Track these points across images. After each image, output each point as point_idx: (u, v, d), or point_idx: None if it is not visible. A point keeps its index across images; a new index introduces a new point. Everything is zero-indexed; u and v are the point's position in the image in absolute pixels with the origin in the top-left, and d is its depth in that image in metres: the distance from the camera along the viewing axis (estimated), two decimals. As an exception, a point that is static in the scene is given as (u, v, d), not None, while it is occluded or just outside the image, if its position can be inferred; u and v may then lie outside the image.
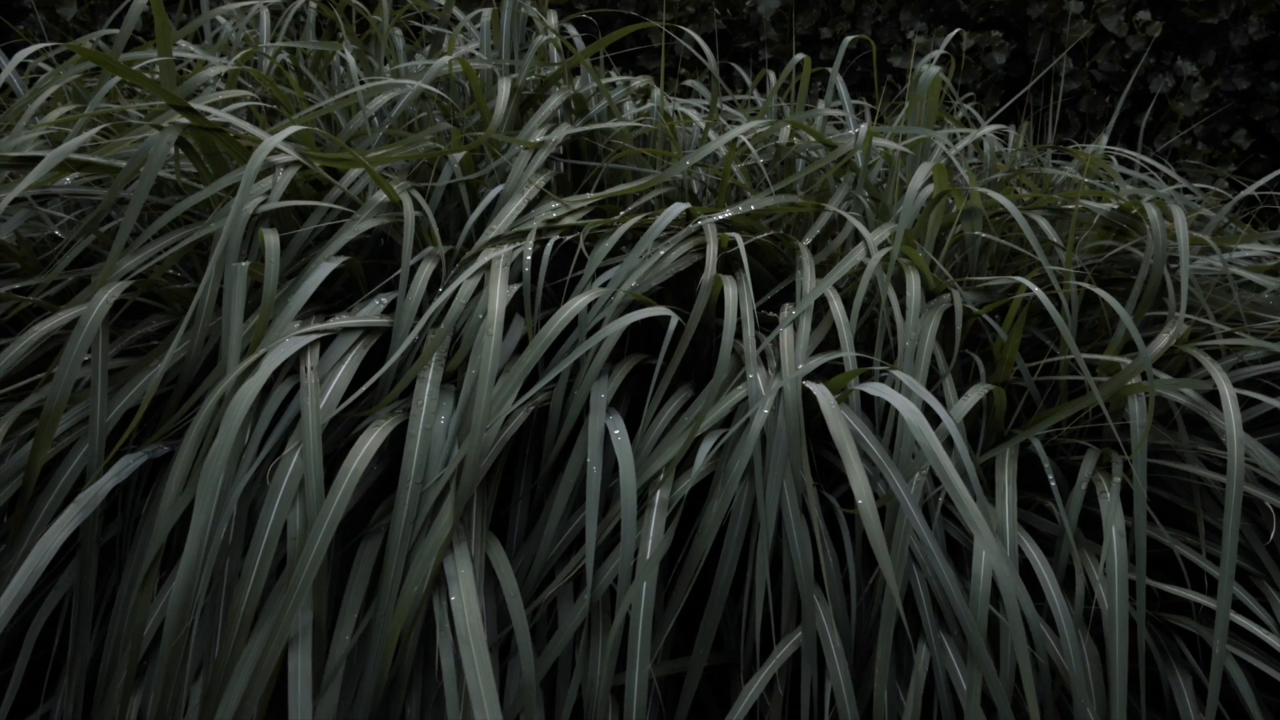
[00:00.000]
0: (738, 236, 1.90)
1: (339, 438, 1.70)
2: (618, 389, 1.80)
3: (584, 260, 2.02)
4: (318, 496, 1.49)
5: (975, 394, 1.82)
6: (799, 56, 2.73)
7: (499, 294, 1.71)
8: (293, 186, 1.98)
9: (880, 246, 2.01)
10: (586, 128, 2.27)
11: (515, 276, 1.90)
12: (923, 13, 4.34)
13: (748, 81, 3.40)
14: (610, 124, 2.28)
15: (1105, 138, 2.98)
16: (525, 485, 1.74)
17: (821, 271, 2.08)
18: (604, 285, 1.87)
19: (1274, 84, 4.25)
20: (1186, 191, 3.13)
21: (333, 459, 1.65)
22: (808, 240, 2.13)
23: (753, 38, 4.39)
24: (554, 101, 2.33)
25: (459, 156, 2.14)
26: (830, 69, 2.94)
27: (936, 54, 2.84)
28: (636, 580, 1.53)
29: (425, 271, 1.85)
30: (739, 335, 1.83)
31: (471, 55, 2.55)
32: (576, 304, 1.73)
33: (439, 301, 1.74)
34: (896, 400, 1.52)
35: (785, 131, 2.42)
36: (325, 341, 1.71)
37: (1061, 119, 4.31)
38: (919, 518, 1.62)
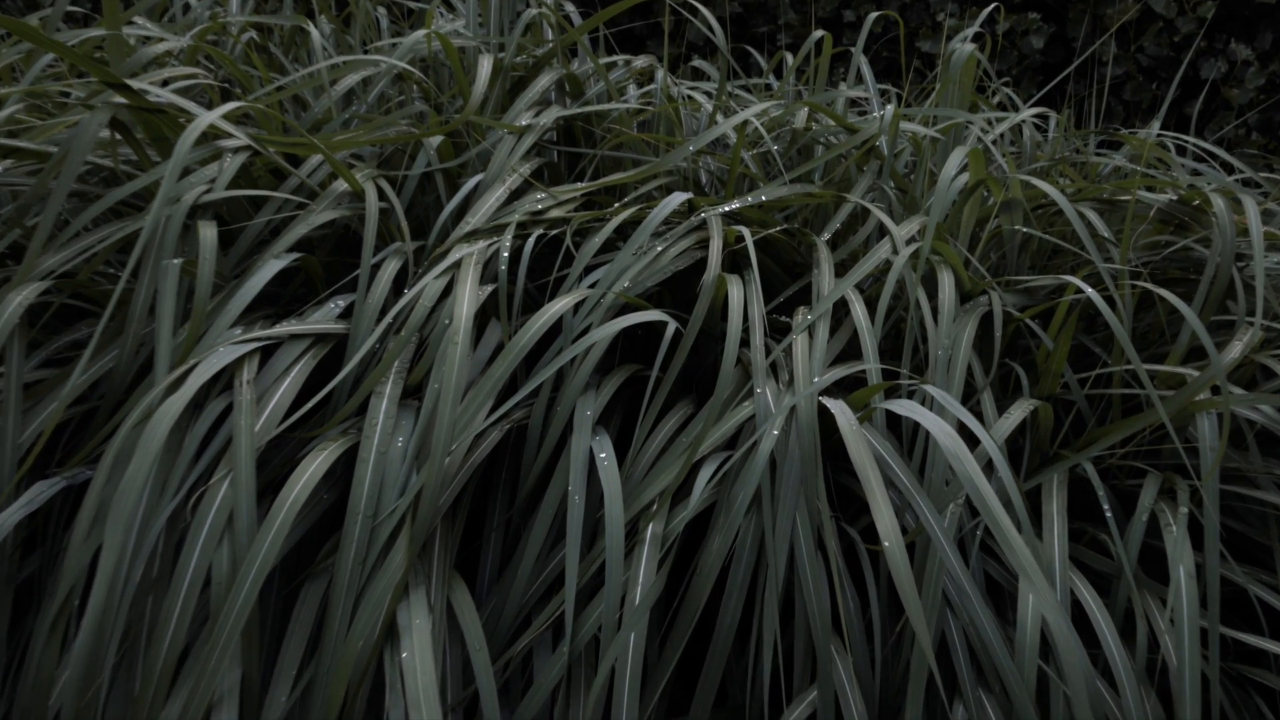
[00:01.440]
0: (745, 231, 1.71)
1: (285, 461, 1.51)
2: (606, 404, 1.61)
3: (572, 257, 1.84)
4: (249, 532, 1.31)
5: (1019, 411, 1.63)
6: (818, 33, 2.53)
7: (468, 296, 1.52)
8: (248, 175, 1.80)
9: (908, 242, 1.82)
10: (580, 109, 2.08)
11: (492, 276, 1.71)
12: (954, -7, 4.14)
13: (763, 65, 3.21)
14: (607, 106, 2.09)
15: (1157, 124, 2.78)
16: (500, 515, 1.56)
17: (842, 270, 1.89)
18: (593, 285, 1.68)
19: (1335, 69, 4.03)
20: (1253, 184, 2.92)
21: (276, 486, 1.47)
22: (826, 235, 1.94)
23: (770, 21, 4.20)
24: (544, 81, 2.15)
25: (435, 142, 1.96)
26: (854, 50, 2.75)
27: (970, 32, 2.65)
28: (623, 630, 1.34)
29: (389, 270, 1.67)
30: (745, 343, 1.64)
31: (456, 34, 2.37)
32: (559, 306, 1.55)
33: (401, 304, 1.56)
34: (929, 421, 1.33)
35: (802, 115, 2.23)
36: (270, 350, 1.52)
37: (1105, 108, 4.10)
38: (954, 555, 1.42)
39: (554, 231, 1.78)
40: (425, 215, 2.02)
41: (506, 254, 1.65)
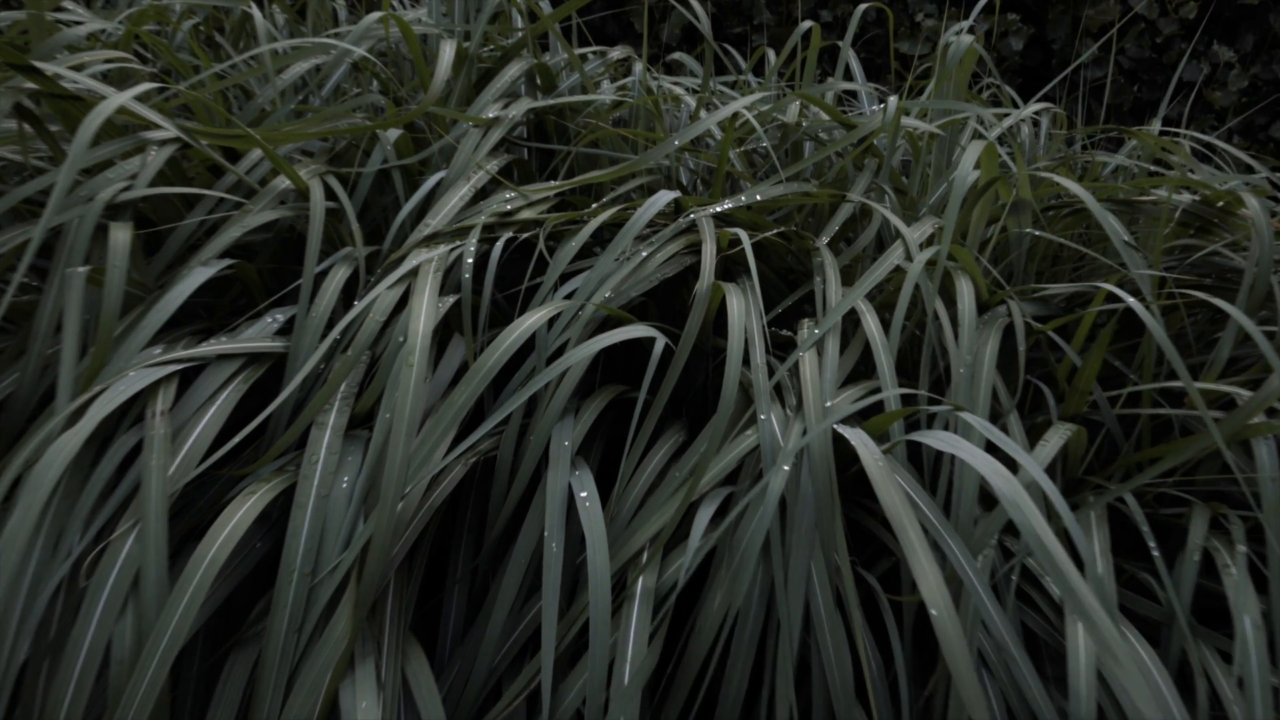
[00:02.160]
0: (743, 233, 1.45)
1: (212, 503, 1.24)
2: (587, 432, 1.35)
3: (546, 264, 1.58)
4: (157, 599, 1.04)
5: (1056, 438, 1.38)
6: (806, 24, 2.28)
7: (426, 309, 1.26)
8: (180, 172, 1.53)
9: (921, 246, 1.57)
10: (554, 101, 1.82)
11: (455, 285, 1.45)
12: (932, -6, 3.90)
13: (742, 65, 2.96)
14: (582, 98, 1.83)
15: (1157, 123, 2.54)
16: (464, 563, 1.29)
17: (845, 279, 1.64)
18: (570, 296, 1.42)
19: (1316, 71, 3.82)
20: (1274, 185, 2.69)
21: (201, 532, 1.20)
22: (824, 239, 1.68)
23: (745, 22, 3.95)
24: (512, 71, 1.88)
25: (393, 136, 1.70)
26: (841, 44, 2.50)
27: (965, 25, 2.40)
28: (611, 712, 1.08)
29: (337, 279, 1.40)
30: (745, 361, 1.39)
31: (418, 22, 2.10)
32: (531, 321, 1.29)
33: (348, 319, 1.30)
34: (977, 460, 1.07)
35: (793, 110, 1.97)
36: (196, 373, 1.26)
37: (1086, 110, 3.88)
38: (994, 609, 1.17)
39: (525, 235, 1.52)
40: (384, 217, 1.76)
41: (471, 260, 1.39)
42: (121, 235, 1.26)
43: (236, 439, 1.16)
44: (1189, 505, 1.49)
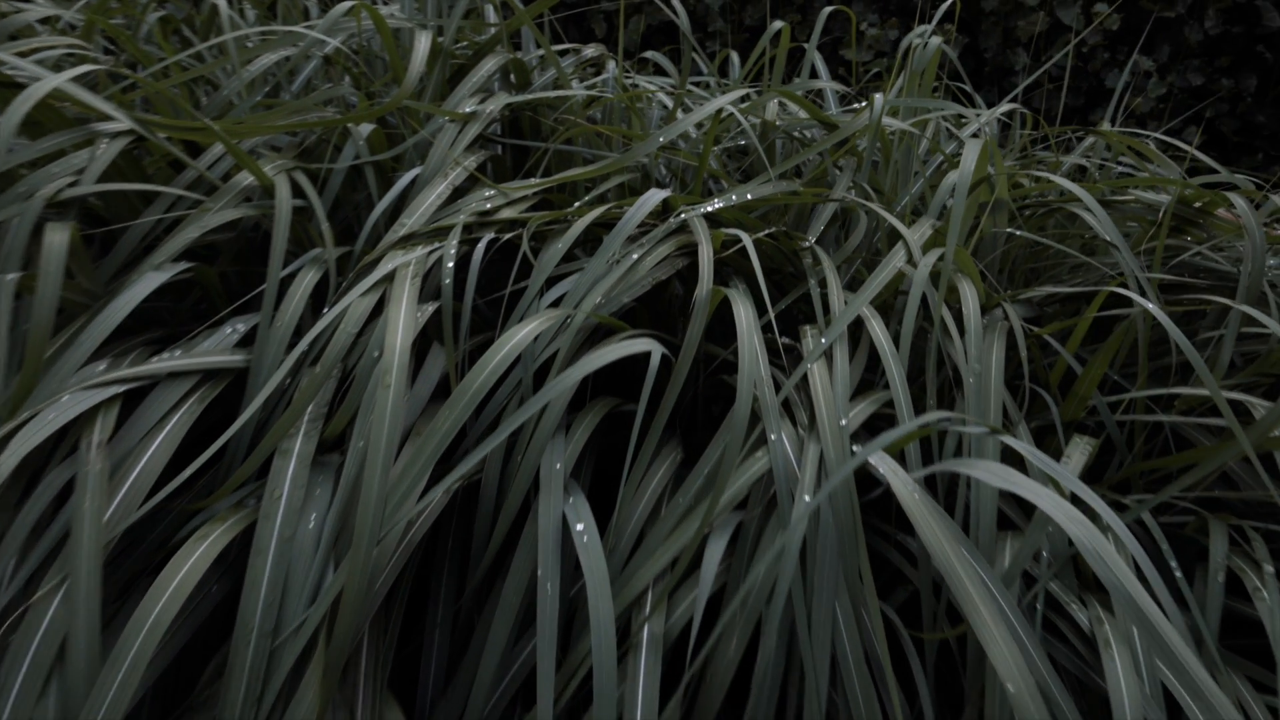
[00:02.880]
0: (743, 235, 1.20)
1: (160, 544, 0.98)
2: (580, 453, 1.09)
3: (529, 266, 1.32)
4: (86, 672, 0.77)
5: (1078, 454, 1.15)
6: (777, 24, 2.03)
7: (404, 319, 1.00)
8: (138, 168, 1.25)
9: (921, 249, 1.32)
10: (532, 97, 1.55)
11: (434, 291, 1.19)
12: (874, 4, 3.66)
13: (704, 69, 2.69)
14: (561, 93, 1.56)
15: (1105, 123, 2.32)
16: (445, 605, 1.03)
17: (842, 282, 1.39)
18: (557, 303, 1.17)
19: (1225, 80, 3.62)
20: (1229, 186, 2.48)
21: (151, 573, 0.94)
22: (811, 239, 1.44)
23: (700, 30, 3.69)
24: (488, 66, 1.61)
25: (366, 131, 1.42)
26: (807, 46, 2.25)
27: (928, 29, 2.16)
28: (621, 790, 0.83)
29: (305, 284, 1.13)
30: (735, 368, 1.13)
31: (391, 16, 1.82)
32: (519, 337, 1.02)
33: (317, 329, 1.03)
34: (1045, 501, 0.82)
35: (772, 107, 1.72)
36: (145, 391, 0.99)
37: (1019, 116, 3.65)
38: (1041, 658, 0.94)
39: (506, 236, 1.25)
40: (356, 216, 1.48)
41: (452, 264, 1.12)
42: (57, 238, 0.98)
43: (189, 470, 0.90)
44: (1191, 515, 1.27)
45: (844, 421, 1.05)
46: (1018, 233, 1.58)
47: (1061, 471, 0.85)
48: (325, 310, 1.11)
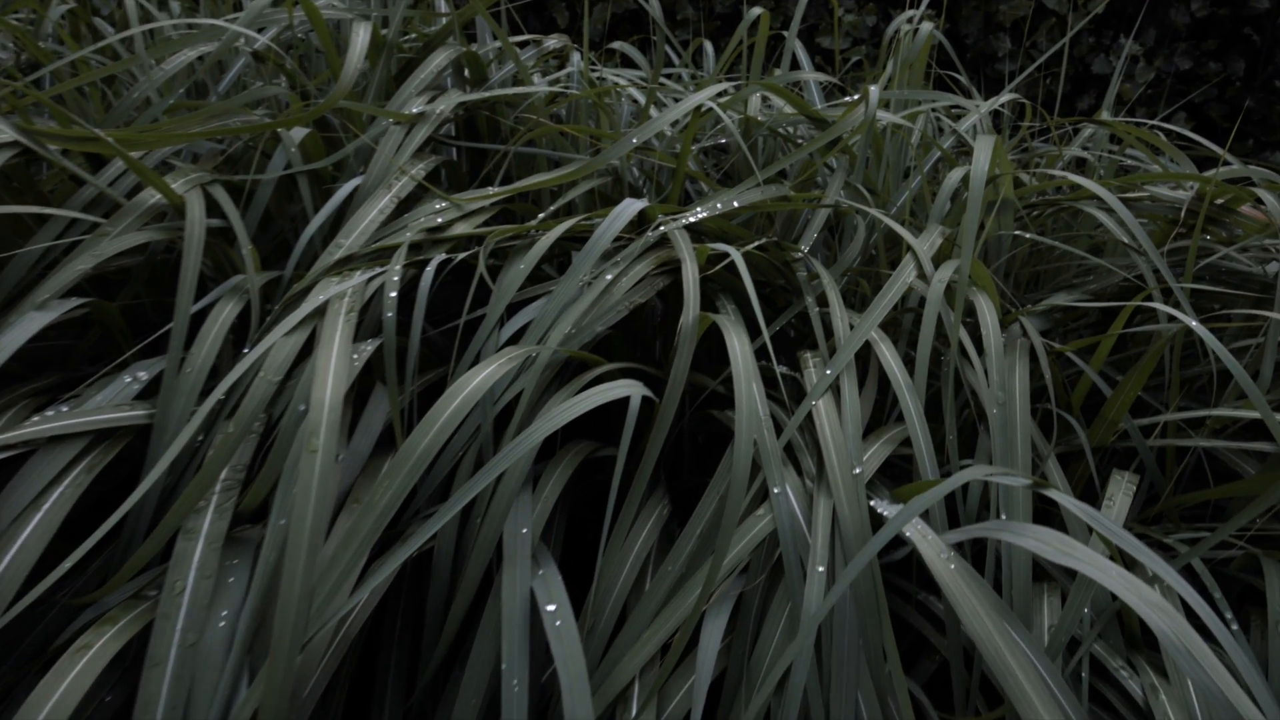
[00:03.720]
0: (733, 250, 1.05)
1: (39, 648, 0.81)
2: (552, 510, 0.94)
3: (488, 289, 1.17)
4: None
5: (1120, 494, 1.01)
6: (755, 11, 1.88)
7: (334, 365, 0.84)
8: (32, 186, 1.09)
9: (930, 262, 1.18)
10: (487, 95, 1.40)
11: (375, 324, 1.03)
12: (849, -10, 3.51)
13: (675, 60, 2.54)
14: (519, 90, 1.41)
15: (1106, 111, 2.19)
16: (393, 705, 0.88)
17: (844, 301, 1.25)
18: (520, 335, 1.02)
19: (1213, 64, 3.51)
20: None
21: (19, 697, 0.78)
22: (804, 248, 1.29)
23: (669, 18, 3.53)
24: (438, 60, 1.45)
25: (299, 136, 1.26)
26: (786, 34, 2.10)
27: (918, 14, 2.01)
28: None
29: (222, 319, 0.98)
30: (731, 401, 0.99)
31: (330, 6, 1.66)
32: (472, 386, 0.87)
33: (232, 377, 0.87)
34: (1115, 581, 0.68)
35: (754, 102, 1.57)
36: (19, 461, 0.83)
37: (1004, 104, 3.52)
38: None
39: (460, 256, 1.10)
40: (293, 232, 1.33)
41: (395, 293, 0.97)
42: (-90, 276, 0.82)
43: (71, 559, 0.74)
44: (1235, 548, 1.13)
45: (858, 470, 0.90)
46: (1028, 235, 1.44)
47: (1135, 544, 0.71)
48: (246, 350, 0.95)
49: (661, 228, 1.14)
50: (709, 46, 2.29)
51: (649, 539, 0.95)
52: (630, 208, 1.10)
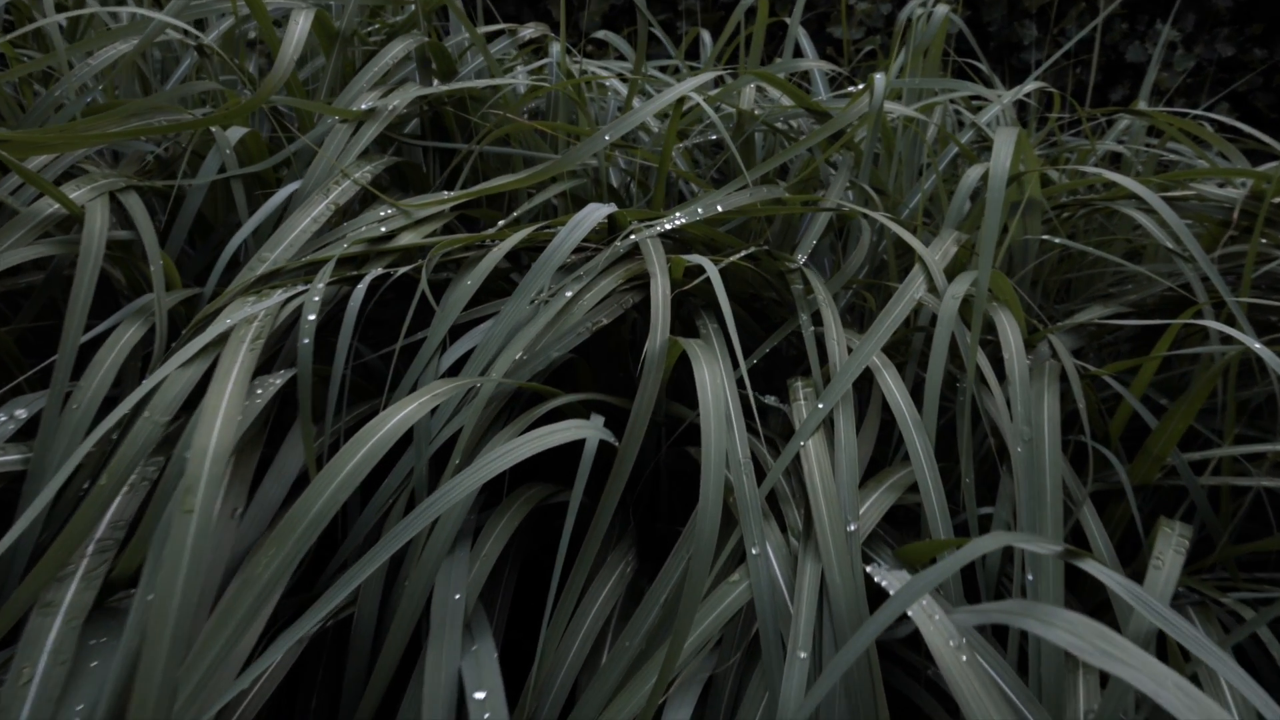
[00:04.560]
0: (707, 263, 0.93)
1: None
2: (496, 565, 0.83)
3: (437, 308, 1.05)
4: None
5: (1170, 552, 0.88)
6: (754, -4, 1.76)
7: (225, 406, 0.73)
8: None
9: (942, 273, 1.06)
10: (446, 88, 1.28)
11: (292, 355, 0.92)
12: (866, -24, 3.39)
13: (671, 51, 2.43)
14: (485, 82, 1.30)
15: (1143, 102, 2.06)
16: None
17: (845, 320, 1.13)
18: (468, 357, 0.90)
19: (1258, 50, 3.37)
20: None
21: None
22: (801, 258, 1.17)
23: (669, 9, 3.42)
24: (395, 50, 1.34)
25: (236, 135, 1.15)
26: (788, 21, 1.98)
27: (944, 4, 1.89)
28: None
29: (120, 347, 0.86)
30: (691, 440, 0.87)
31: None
32: (389, 426, 0.75)
33: (114, 417, 0.76)
34: (1171, 699, 0.56)
35: (748, 93, 1.45)
36: None
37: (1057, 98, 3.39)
38: None
39: (402, 270, 0.98)
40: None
41: (314, 315, 0.85)
42: None
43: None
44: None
45: (852, 527, 0.78)
46: (1057, 240, 1.31)
47: (1174, 622, 0.59)
48: (147, 381, 0.84)
49: (632, 237, 1.02)
50: (707, 36, 2.17)
51: (609, 600, 0.83)
52: (594, 214, 0.98)
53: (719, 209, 1.11)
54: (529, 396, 0.92)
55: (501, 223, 1.13)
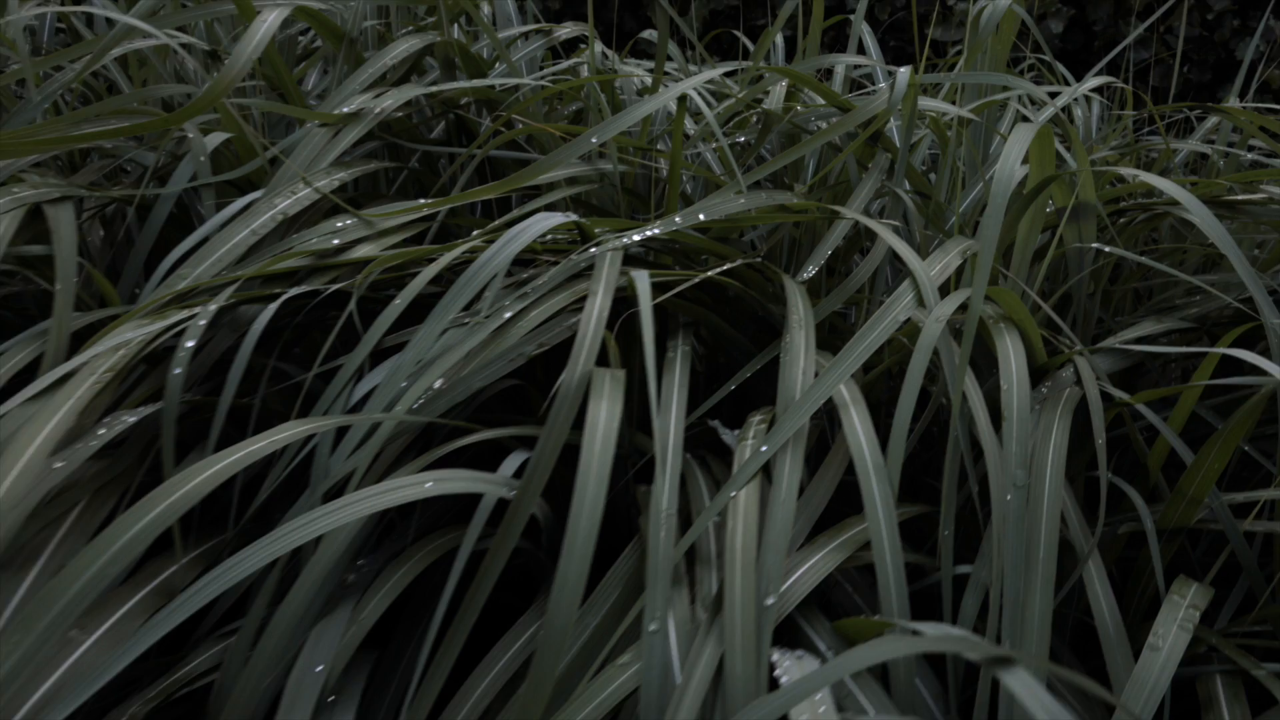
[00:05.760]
0: (641, 277, 0.76)
1: None
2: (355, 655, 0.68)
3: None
4: None
5: (1175, 626, 0.68)
6: (804, -9, 1.57)
7: (32, 452, 0.59)
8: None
9: (951, 283, 0.87)
10: (433, 89, 1.14)
11: (200, 377, 0.79)
12: (964, -25, 3.13)
13: (750, 49, 2.23)
14: (483, 82, 1.15)
15: (1233, 98, 1.79)
16: None
17: (831, 335, 0.95)
18: (368, 397, 0.75)
19: (1383, 44, 2.99)
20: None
21: None
22: (811, 270, 0.99)
23: (763, 12, 3.22)
24: (399, 49, 1.20)
25: (216, 141, 1.03)
26: (852, 17, 1.78)
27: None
28: None
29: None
30: (640, 479, 0.71)
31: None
32: (189, 488, 0.60)
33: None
34: None
35: (778, 92, 1.27)
36: None
37: (1132, 95, 3.09)
38: None
39: (336, 286, 0.84)
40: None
41: (193, 344, 0.72)
42: None
43: None
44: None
45: (770, 600, 0.61)
46: (1106, 249, 1.10)
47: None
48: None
49: (592, 250, 0.86)
50: (780, 40, 1.99)
51: (509, 666, 0.67)
52: (540, 224, 0.82)
53: (701, 217, 0.94)
54: (455, 434, 0.77)
55: (477, 232, 0.98)
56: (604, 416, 0.64)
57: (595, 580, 0.74)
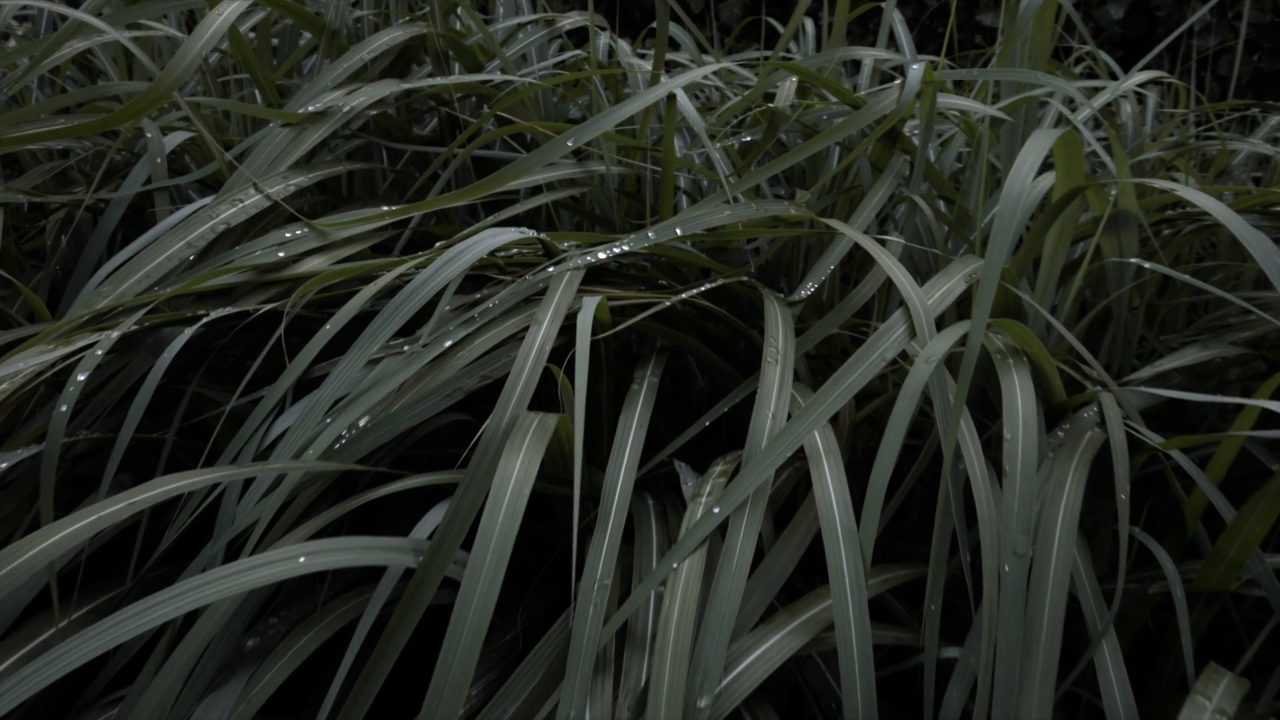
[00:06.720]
0: (587, 305, 0.67)
1: None
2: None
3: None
4: None
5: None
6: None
7: None
8: None
9: (942, 318, 0.77)
10: (415, 85, 1.06)
11: (93, 418, 0.71)
12: (1019, -40, 2.98)
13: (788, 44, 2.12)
14: (461, 79, 1.06)
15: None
16: None
17: (818, 368, 0.85)
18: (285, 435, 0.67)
19: None
20: None
21: None
22: (811, 286, 0.89)
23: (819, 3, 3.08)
24: (379, 42, 1.12)
25: (175, 141, 0.96)
26: (884, 3, 1.67)
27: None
28: None
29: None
30: (581, 530, 0.61)
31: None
32: (47, 543, 0.53)
33: None
34: None
35: (788, 88, 1.17)
36: None
37: (1198, 85, 2.93)
38: None
39: (269, 306, 0.76)
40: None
41: (85, 376, 0.64)
42: None
43: None
44: None
45: (703, 702, 0.52)
46: (1147, 265, 0.99)
47: None
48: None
49: (550, 270, 0.77)
50: (810, 26, 1.88)
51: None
52: (484, 242, 0.73)
53: (678, 231, 0.84)
54: (376, 480, 0.69)
55: (439, 244, 0.90)
56: (514, 478, 0.55)
57: (531, 643, 0.66)
